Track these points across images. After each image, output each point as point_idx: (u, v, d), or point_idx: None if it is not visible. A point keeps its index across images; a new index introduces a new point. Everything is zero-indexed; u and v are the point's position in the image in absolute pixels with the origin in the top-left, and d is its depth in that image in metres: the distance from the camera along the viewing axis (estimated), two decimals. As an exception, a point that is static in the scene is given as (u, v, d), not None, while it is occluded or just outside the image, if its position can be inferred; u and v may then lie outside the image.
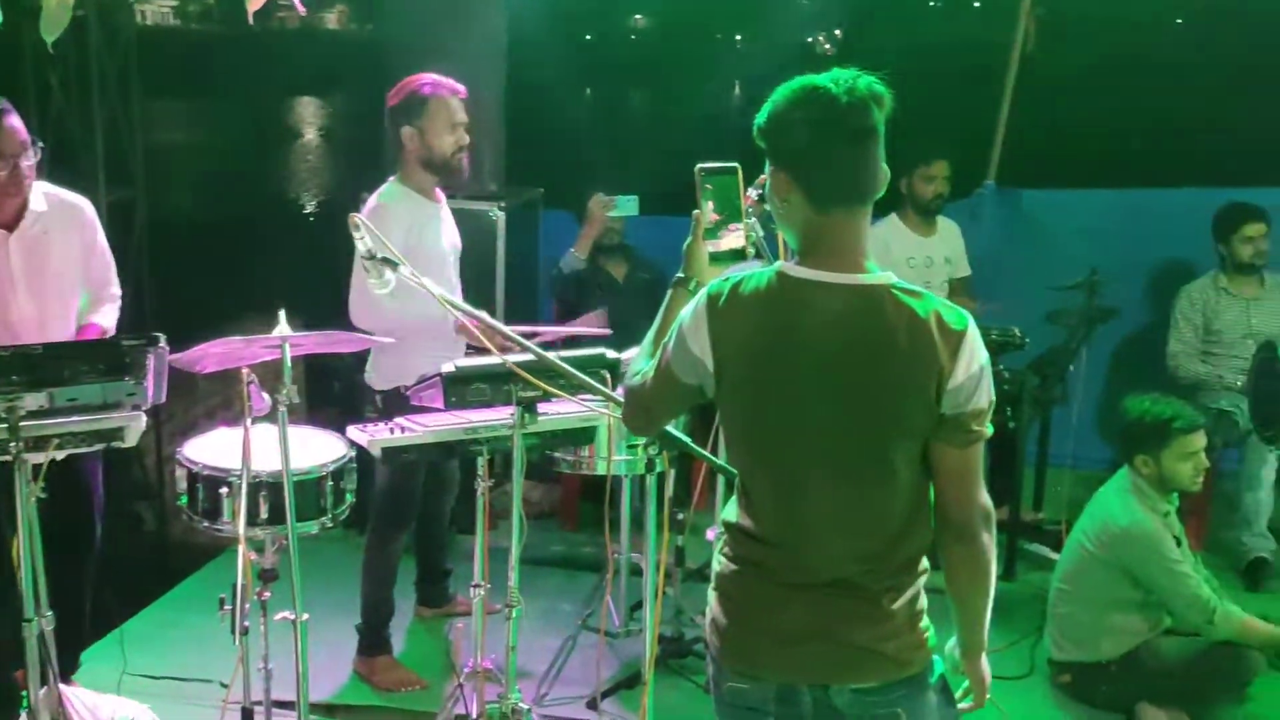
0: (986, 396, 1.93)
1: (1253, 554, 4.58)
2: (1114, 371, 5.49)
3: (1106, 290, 4.74)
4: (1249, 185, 5.39)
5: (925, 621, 2.04)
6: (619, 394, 2.35)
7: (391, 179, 3.63)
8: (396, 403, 3.40)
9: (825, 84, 1.89)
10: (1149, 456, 3.62)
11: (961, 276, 5.07)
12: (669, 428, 2.31)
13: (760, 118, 1.96)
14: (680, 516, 3.94)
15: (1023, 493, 4.74)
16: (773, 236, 2.35)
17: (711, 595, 2.12)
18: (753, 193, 2.22)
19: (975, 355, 1.90)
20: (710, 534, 3.61)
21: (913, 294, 1.92)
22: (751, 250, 2.30)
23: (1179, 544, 3.65)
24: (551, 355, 2.56)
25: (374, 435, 2.92)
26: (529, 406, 2.68)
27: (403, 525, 3.73)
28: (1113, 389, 5.32)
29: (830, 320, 1.91)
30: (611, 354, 2.88)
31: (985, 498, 2.00)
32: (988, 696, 2.15)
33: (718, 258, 2.22)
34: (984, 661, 2.13)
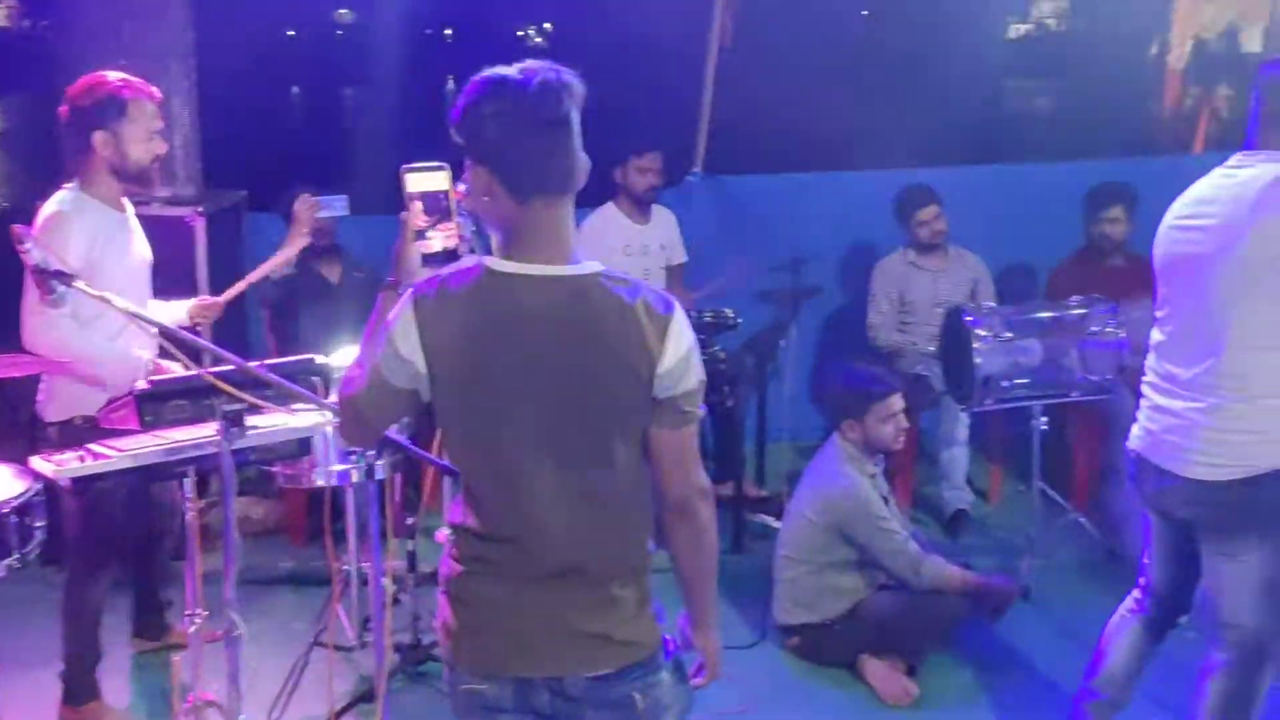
0: (696, 377, 1.99)
1: (953, 507, 4.95)
2: (822, 346, 5.80)
3: (809, 270, 5.00)
4: (943, 165, 5.81)
5: (654, 602, 2.08)
6: (333, 402, 2.27)
7: (70, 186, 3.33)
8: (75, 435, 3.12)
9: (514, 76, 1.89)
10: (854, 421, 3.86)
11: (678, 263, 5.21)
12: (390, 432, 2.24)
13: (454, 113, 1.94)
14: (410, 520, 3.87)
15: (745, 467, 4.93)
16: (486, 234, 2.33)
17: (441, 599, 2.09)
18: (462, 189, 2.19)
19: (683, 338, 1.95)
20: (441, 536, 3.56)
21: (620, 282, 1.95)
22: (465, 249, 2.27)
23: (887, 503, 3.90)
24: (255, 365, 2.45)
25: (61, 465, 2.68)
26: (235, 420, 2.54)
27: (103, 561, 3.43)
28: (822, 362, 5.64)
29: (539, 313, 1.91)
30: (321, 359, 2.78)
31: (703, 475, 2.06)
32: (720, 668, 2.21)
33: (430, 259, 2.18)
34: (715, 634, 2.19)
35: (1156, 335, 2.90)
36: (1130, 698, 3.18)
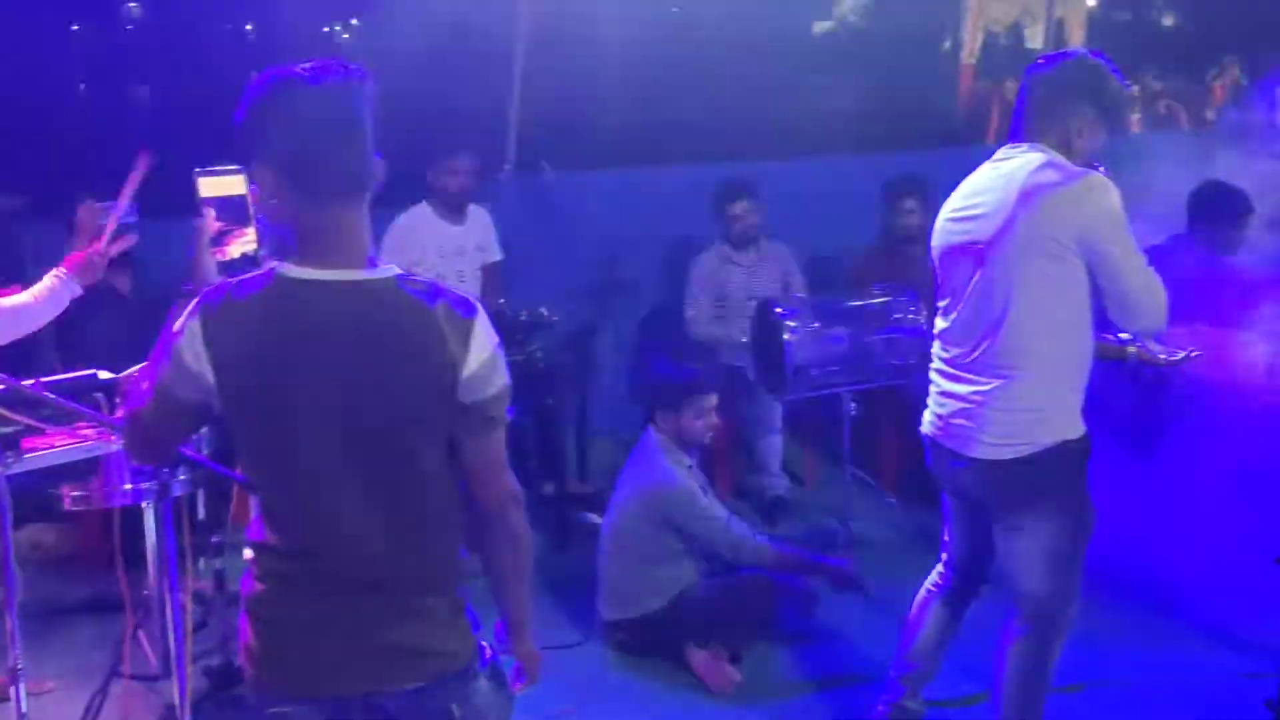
0: (503, 381, 1.95)
1: (771, 494, 5.06)
2: (643, 340, 5.84)
3: (624, 265, 5.02)
4: (755, 160, 5.90)
5: (468, 610, 2.04)
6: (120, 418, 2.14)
7: None
8: None
9: (301, 76, 1.82)
10: (668, 414, 3.90)
11: (493, 262, 5.15)
12: (183, 449, 2.13)
13: (238, 113, 1.85)
14: (217, 538, 3.70)
15: (567, 465, 4.92)
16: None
17: (243, 620, 1.99)
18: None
19: (487, 341, 1.91)
20: (249, 553, 3.41)
21: (418, 285, 1.89)
22: (263, 253, 2.18)
23: (706, 493, 3.95)
24: (30, 383, 2.28)
25: None
26: (9, 443, 2.37)
27: None
28: (644, 357, 5.67)
29: (334, 320, 1.84)
30: (106, 375, 2.62)
31: (513, 480, 2.02)
32: (539, 673, 2.19)
33: (228, 265, 2.08)
34: (532, 639, 2.16)
35: (940, 323, 3.02)
36: (938, 667, 3.32)
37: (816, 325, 4.40)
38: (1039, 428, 2.80)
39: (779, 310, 4.45)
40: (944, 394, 2.97)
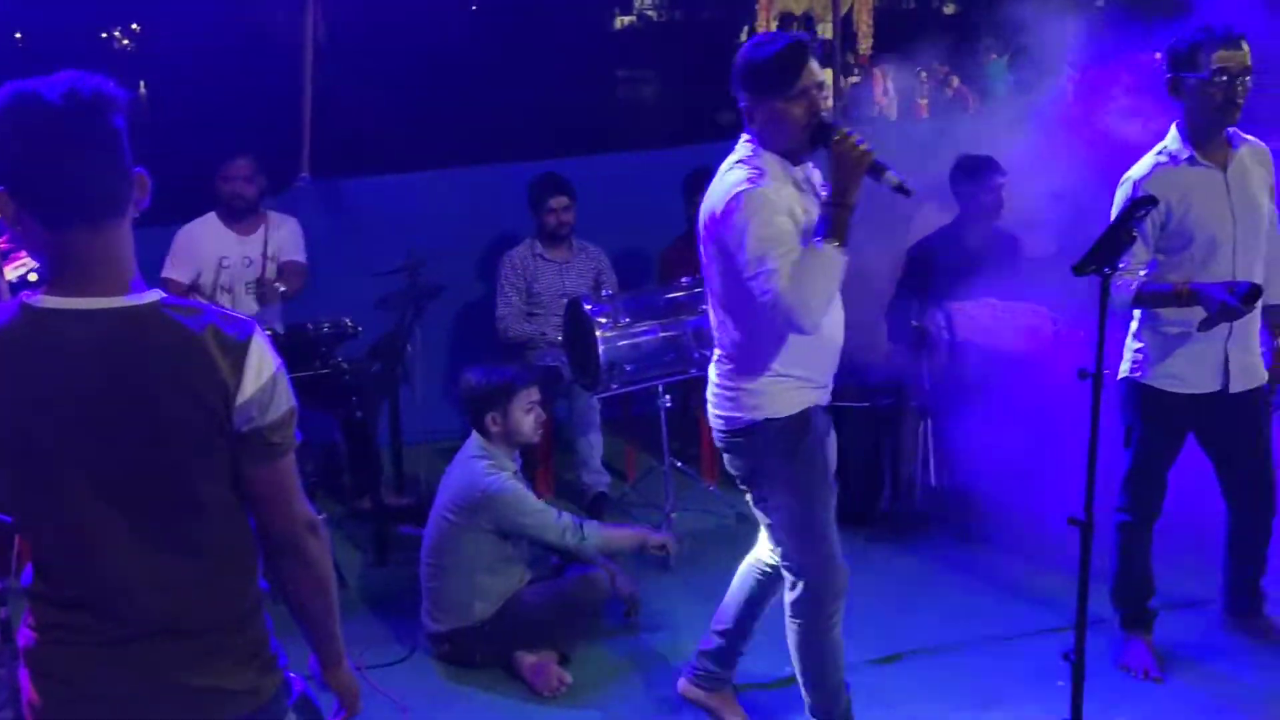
0: (286, 404, 1.85)
1: (593, 491, 5.06)
2: (455, 344, 5.75)
3: (430, 269, 4.92)
4: (562, 156, 5.88)
5: (270, 644, 1.94)
6: None
7: None
8: None
9: (38, 89, 1.68)
10: (497, 414, 3.85)
11: (293, 260, 4.96)
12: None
13: None
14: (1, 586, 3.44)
15: (382, 478, 4.80)
16: None
17: (23, 675, 1.85)
18: None
19: (264, 364, 1.81)
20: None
21: (185, 310, 1.77)
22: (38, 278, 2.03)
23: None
24: None
25: None
26: None
27: None
28: (457, 361, 5.58)
29: (90, 352, 1.71)
30: None
31: (307, 508, 1.93)
32: (359, 703, 2.11)
33: (13, 287, 1.93)
34: (346, 669, 2.08)
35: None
36: (745, 644, 3.40)
37: (627, 321, 4.41)
38: (740, 407, 2.99)
39: (589, 308, 4.45)
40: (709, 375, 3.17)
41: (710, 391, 3.09)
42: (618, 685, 3.75)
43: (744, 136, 2.96)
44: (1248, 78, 3.30)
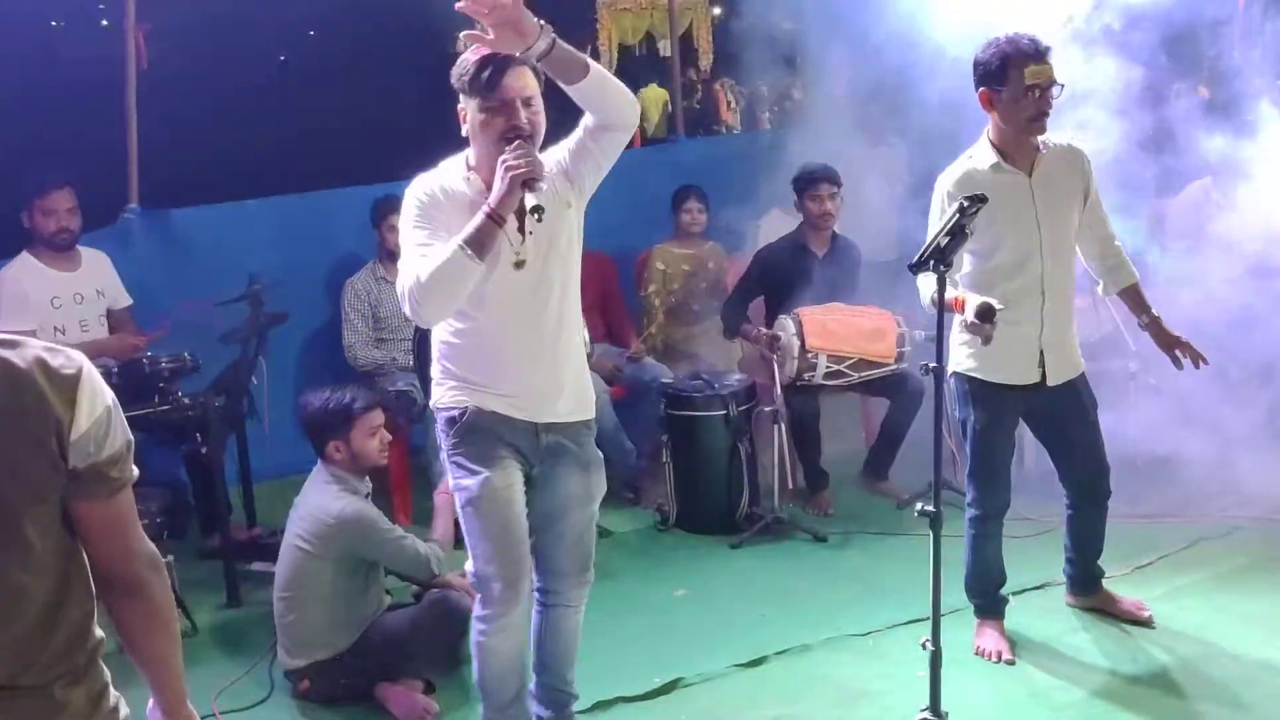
0: (122, 438, 1.77)
1: (456, 516, 4.97)
2: (305, 373, 5.58)
3: (273, 297, 4.77)
4: (405, 178, 5.74)
5: (112, 694, 1.84)
6: None
7: None
8: None
9: None
10: (339, 441, 3.74)
11: (123, 307, 4.77)
12: None
13: None
14: None
15: (232, 514, 4.63)
16: None
17: None
18: None
19: (98, 398, 1.72)
20: None
21: (7, 345, 1.68)
22: None
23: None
24: None
25: None
26: None
27: None
28: (304, 390, 5.42)
29: None
30: None
31: (147, 545, 1.85)
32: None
33: None
34: (190, 712, 1.99)
35: None
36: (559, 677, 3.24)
37: (478, 340, 4.35)
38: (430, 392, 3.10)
39: (438, 329, 4.37)
40: None
41: None
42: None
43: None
44: (1055, 89, 3.46)
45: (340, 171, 6.48)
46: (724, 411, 4.87)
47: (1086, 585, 3.98)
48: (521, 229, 2.84)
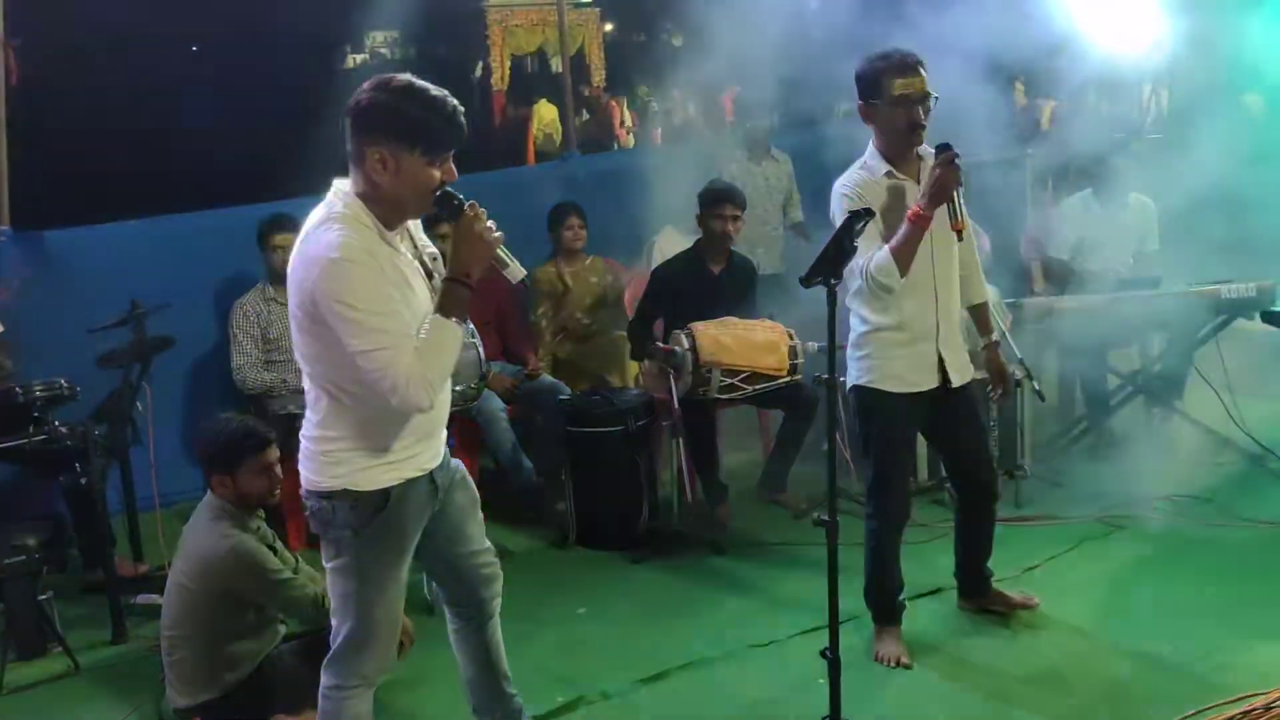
0: None
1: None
2: (192, 398, 5.44)
3: (157, 320, 4.63)
4: (294, 196, 5.63)
5: None
6: None
7: None
8: None
9: None
10: (225, 477, 3.63)
11: (-4, 335, 4.59)
12: None
13: None
14: None
15: (116, 546, 4.47)
16: None
17: None
18: None
19: None
20: None
21: None
22: None
23: (275, 551, 3.72)
24: None
25: None
26: None
27: None
28: (195, 416, 5.28)
29: None
30: None
31: None
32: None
33: None
34: None
35: None
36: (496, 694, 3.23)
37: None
38: (319, 471, 2.74)
39: (330, 350, 4.28)
40: None
41: (302, 448, 2.78)
42: (386, 736, 3.62)
43: (337, 184, 2.66)
44: (929, 101, 3.55)
45: (225, 190, 6.32)
46: (623, 427, 4.87)
47: (978, 588, 4.07)
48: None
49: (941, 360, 3.70)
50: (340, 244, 2.51)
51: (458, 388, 4.44)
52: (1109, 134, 6.31)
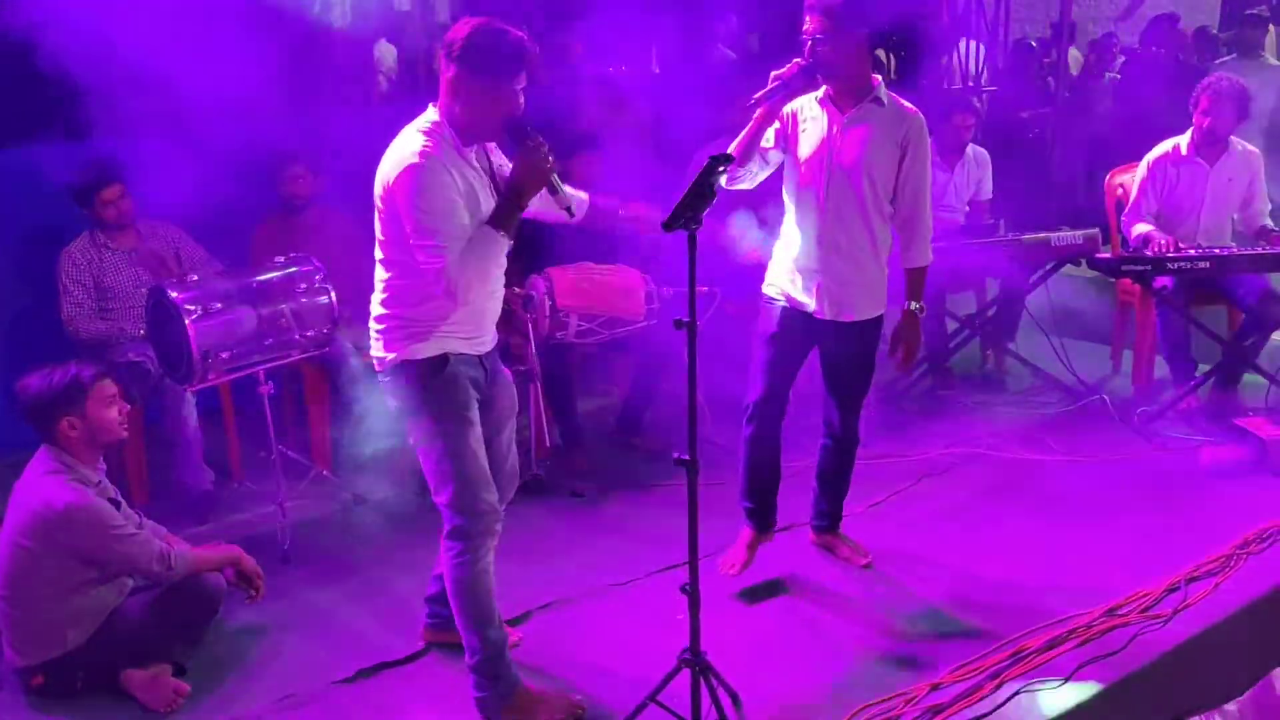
0: None
1: (198, 490, 4.73)
2: (13, 353, 5.14)
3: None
4: (113, 134, 5.33)
5: None
6: None
7: None
8: None
9: None
10: (75, 418, 3.49)
11: None
12: None
13: None
14: None
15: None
16: None
17: None
18: None
19: None
20: None
21: None
22: None
23: (119, 506, 3.60)
24: None
25: None
26: None
27: None
28: (17, 371, 5.00)
29: None
30: None
31: None
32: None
33: None
34: None
35: None
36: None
37: (218, 306, 4.16)
38: (388, 346, 3.19)
39: (174, 295, 4.14)
40: None
41: (370, 329, 3.24)
42: (239, 685, 3.55)
43: (432, 106, 3.08)
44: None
45: (42, 125, 5.88)
46: (478, 372, 4.85)
47: (828, 524, 4.22)
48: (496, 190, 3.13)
49: (818, 289, 3.79)
50: (419, 150, 2.97)
51: (309, 333, 4.37)
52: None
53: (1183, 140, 5.40)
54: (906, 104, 3.75)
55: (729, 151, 3.48)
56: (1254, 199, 5.39)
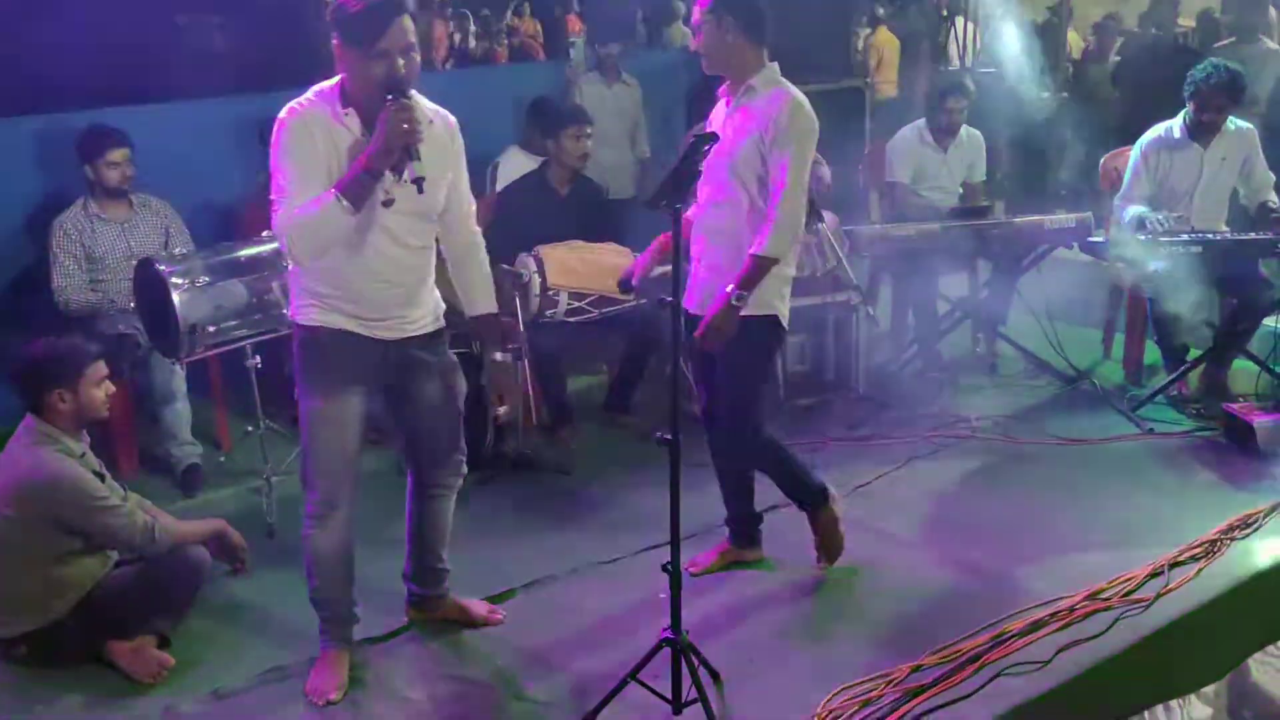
0: None
1: (184, 464, 4.75)
2: (6, 320, 5.15)
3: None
4: (109, 105, 5.32)
5: None
6: None
7: None
8: None
9: None
10: (66, 391, 3.49)
11: None
12: None
13: None
14: None
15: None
16: None
17: None
18: None
19: None
20: None
21: None
22: None
23: (103, 479, 3.60)
24: None
25: None
26: None
27: None
28: (10, 339, 4.99)
29: None
30: None
31: None
32: None
33: None
34: None
35: None
36: (432, 558, 3.61)
37: (206, 280, 4.15)
38: (291, 307, 3.27)
39: (162, 268, 4.14)
40: None
41: None
42: (223, 657, 3.56)
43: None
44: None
45: (43, 96, 5.89)
46: (467, 349, 4.83)
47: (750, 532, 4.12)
48: (394, 168, 2.97)
49: (700, 282, 3.72)
50: (291, 106, 2.99)
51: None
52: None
53: (1175, 124, 5.38)
54: (787, 92, 3.53)
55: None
56: (1254, 173, 5.36)
